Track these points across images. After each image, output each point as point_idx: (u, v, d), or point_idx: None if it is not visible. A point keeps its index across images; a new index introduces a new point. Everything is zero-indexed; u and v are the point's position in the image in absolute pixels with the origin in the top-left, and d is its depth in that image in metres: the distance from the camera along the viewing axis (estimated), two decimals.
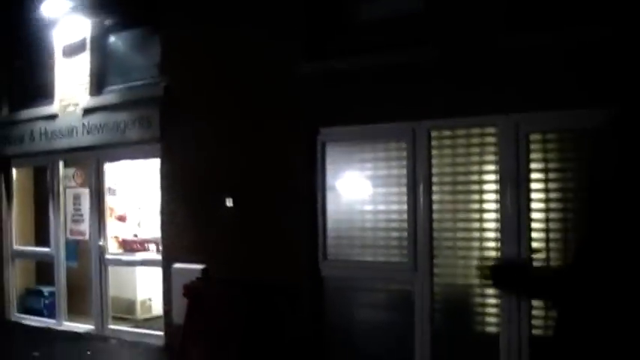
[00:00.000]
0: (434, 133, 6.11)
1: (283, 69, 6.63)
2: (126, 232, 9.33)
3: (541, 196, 5.62)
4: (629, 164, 2.03)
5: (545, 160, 5.67)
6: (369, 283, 6.46)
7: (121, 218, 9.34)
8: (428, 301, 6.03)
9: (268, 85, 6.76)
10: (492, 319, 5.85)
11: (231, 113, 7.03)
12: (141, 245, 8.82)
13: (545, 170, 5.64)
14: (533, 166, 5.66)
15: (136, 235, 9.29)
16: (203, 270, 7.04)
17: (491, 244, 5.82)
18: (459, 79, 5.85)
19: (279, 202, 6.61)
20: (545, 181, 5.62)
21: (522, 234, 5.56)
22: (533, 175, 5.64)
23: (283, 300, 6.50)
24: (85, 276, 8.75)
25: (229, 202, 6.92)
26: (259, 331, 6.38)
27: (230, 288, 6.54)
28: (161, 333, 7.73)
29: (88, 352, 7.48)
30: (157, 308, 8.52)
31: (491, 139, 5.88)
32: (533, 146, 5.67)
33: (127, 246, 8.97)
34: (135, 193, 9.58)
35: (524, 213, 5.59)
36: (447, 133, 6.11)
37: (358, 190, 6.50)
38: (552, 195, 5.59)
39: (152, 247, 8.60)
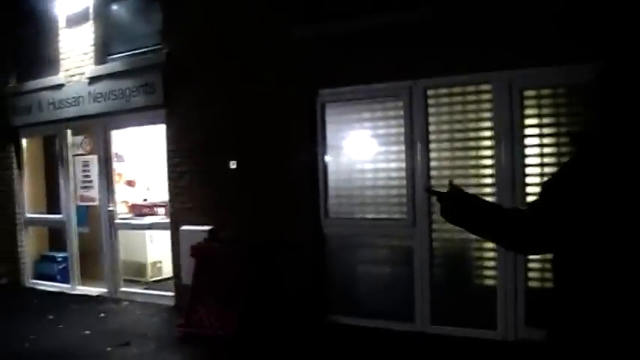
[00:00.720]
0: (430, 92, 6.26)
1: (282, 32, 6.76)
2: (135, 196, 9.59)
3: (535, 150, 5.78)
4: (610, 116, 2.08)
5: (539, 116, 5.82)
6: (369, 239, 6.67)
7: (130, 183, 9.59)
8: (427, 256, 6.25)
9: (267, 48, 6.90)
10: (490, 272, 6.07)
11: (232, 77, 7.19)
12: (150, 209, 9.05)
13: (539, 125, 5.79)
14: (527, 121, 5.82)
15: (145, 200, 9.53)
16: (210, 231, 7.29)
17: (488, 199, 5.97)
18: (452, 38, 5.96)
19: (281, 163, 6.80)
20: (540, 136, 5.77)
21: (517, 188, 5.74)
22: (527, 131, 5.79)
23: (287, 258, 6.75)
24: (96, 241, 9.00)
25: (233, 165, 7.13)
26: (264, 288, 6.66)
27: (235, 247, 6.79)
28: (171, 294, 8.01)
29: (102, 315, 7.74)
30: (167, 270, 8.78)
31: (486, 96, 6.03)
32: (527, 102, 5.82)
33: (137, 210, 9.22)
34: (143, 159, 9.78)
35: (519, 168, 5.76)
36: (443, 91, 6.25)
37: (358, 149, 6.68)
38: (546, 150, 5.76)
39: (161, 210, 8.83)
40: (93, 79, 8.48)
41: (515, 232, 2.19)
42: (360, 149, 6.65)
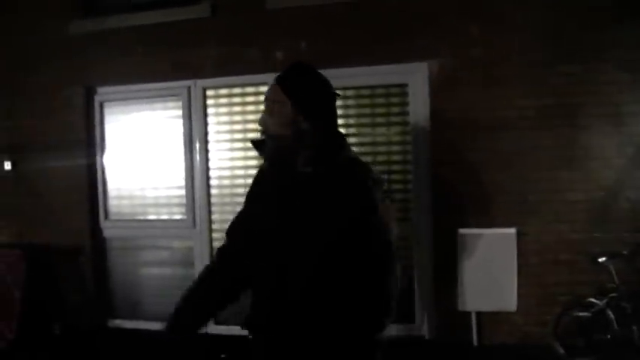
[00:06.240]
0: (209, 92, 6.72)
1: (59, 28, 6.91)
2: None
3: None
4: None
5: None
6: (151, 241, 6.96)
7: None
8: (207, 257, 6.67)
9: (45, 44, 7.01)
10: None
11: (5, 70, 7.29)
12: None
13: None
14: None
15: None
16: None
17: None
18: (231, 39, 6.47)
19: (59, 163, 6.91)
20: None
21: None
22: None
23: (66, 263, 6.98)
24: None
25: (8, 166, 7.25)
26: (42, 294, 6.88)
27: (9, 253, 6.92)
28: None
29: None
30: None
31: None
32: None
33: None
34: None
35: None
36: (223, 91, 6.73)
37: (139, 148, 6.96)
38: None
39: None
40: None
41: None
42: (142, 149, 6.93)
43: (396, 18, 6.03)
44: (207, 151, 6.66)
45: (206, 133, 6.66)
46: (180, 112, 6.78)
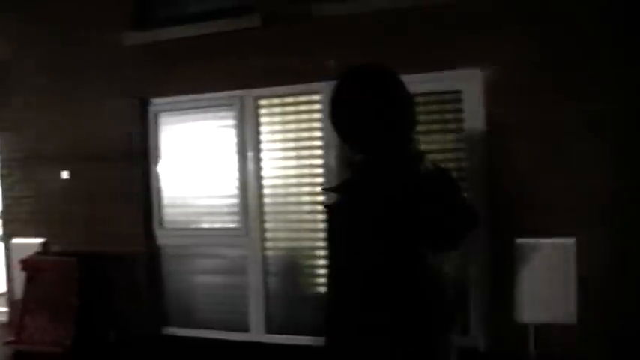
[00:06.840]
0: (262, 102, 6.80)
1: (112, 40, 7.09)
2: None
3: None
4: None
5: None
6: (204, 249, 7.06)
7: None
8: (260, 265, 6.75)
9: (99, 57, 7.20)
10: (322, 280, 6.69)
11: (63, 85, 7.52)
12: None
13: None
14: None
15: None
16: (42, 244, 7.58)
17: (320, 208, 6.60)
18: (282, 48, 6.51)
19: (115, 174, 7.08)
20: None
21: None
22: None
23: (121, 270, 7.13)
24: None
25: (65, 175, 7.45)
26: (97, 302, 7.03)
27: (66, 261, 7.12)
28: (4, 309, 8.22)
29: None
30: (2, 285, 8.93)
31: (317, 106, 6.63)
32: None
33: None
34: None
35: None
36: (275, 100, 6.79)
37: (192, 158, 7.07)
38: None
39: None
40: None
41: None
42: (195, 158, 7.04)
43: (448, 23, 5.96)
44: (259, 159, 6.69)
45: (259, 142, 6.70)
46: (233, 122, 6.82)
